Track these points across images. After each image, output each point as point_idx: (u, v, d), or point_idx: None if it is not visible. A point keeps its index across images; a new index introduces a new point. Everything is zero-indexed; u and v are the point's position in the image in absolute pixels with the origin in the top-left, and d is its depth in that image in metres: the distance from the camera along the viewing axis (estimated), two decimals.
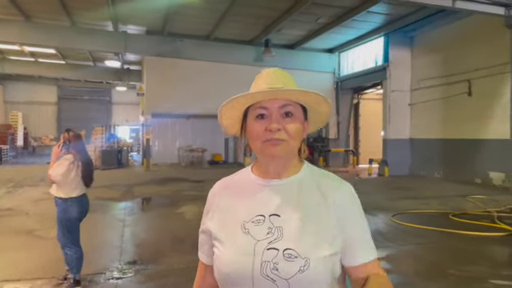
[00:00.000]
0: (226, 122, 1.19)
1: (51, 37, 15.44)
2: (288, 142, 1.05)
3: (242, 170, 1.21)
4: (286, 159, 1.10)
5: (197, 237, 4.21)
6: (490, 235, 6.24)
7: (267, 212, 1.06)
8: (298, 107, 1.09)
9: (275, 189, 1.09)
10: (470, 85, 12.71)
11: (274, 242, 1.01)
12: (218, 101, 5.82)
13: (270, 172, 1.11)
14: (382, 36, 15.35)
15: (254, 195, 1.10)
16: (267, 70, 1.14)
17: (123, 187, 11.70)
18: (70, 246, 4.13)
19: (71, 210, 4.08)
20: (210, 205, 1.20)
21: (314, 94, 1.07)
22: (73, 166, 4.09)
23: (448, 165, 13.65)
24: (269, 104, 1.06)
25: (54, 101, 28.74)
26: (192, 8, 13.04)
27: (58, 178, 4.03)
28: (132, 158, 22.98)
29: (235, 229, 1.07)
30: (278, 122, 1.05)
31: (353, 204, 1.09)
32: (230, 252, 1.04)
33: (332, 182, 1.12)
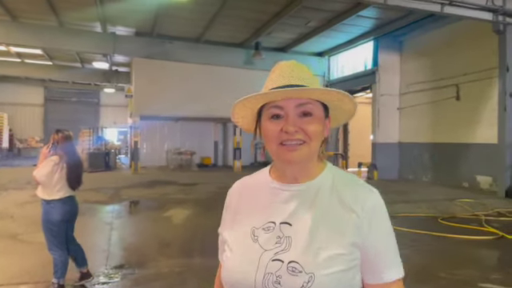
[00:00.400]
0: (240, 122, 1.12)
1: (38, 37, 15.21)
2: (307, 145, 0.96)
3: (260, 171, 1.13)
4: (304, 163, 1.00)
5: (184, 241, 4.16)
6: (478, 239, 6.26)
7: (278, 219, 0.98)
8: (318, 105, 0.99)
9: (291, 194, 1.00)
10: (459, 89, 12.83)
11: (281, 253, 0.93)
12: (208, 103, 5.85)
13: (286, 176, 1.03)
14: (372, 40, 15.44)
15: (268, 200, 1.03)
16: (282, 63, 1.04)
17: (110, 190, 11.54)
18: (54, 249, 4.03)
19: (53, 212, 3.99)
20: (226, 205, 1.14)
21: (335, 93, 0.97)
22: (57, 168, 4.01)
23: (436, 169, 13.75)
24: (284, 103, 0.97)
25: (41, 102, 28.37)
26: (181, 10, 12.96)
27: (42, 179, 3.97)
28: (120, 160, 22.75)
29: (244, 234, 1.00)
30: (295, 123, 0.96)
31: (380, 214, 0.98)
32: (236, 260, 0.99)
33: (357, 188, 1.01)
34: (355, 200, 0.97)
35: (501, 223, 7.39)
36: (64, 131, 4.19)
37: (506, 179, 10.50)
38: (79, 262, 4.30)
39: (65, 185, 4.05)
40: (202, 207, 9.12)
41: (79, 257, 4.30)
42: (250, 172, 4.59)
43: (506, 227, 6.97)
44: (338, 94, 0.98)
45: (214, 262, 4.58)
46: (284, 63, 1.03)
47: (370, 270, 0.97)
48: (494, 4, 10.05)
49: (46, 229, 4.00)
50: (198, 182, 13.36)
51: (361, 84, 16.81)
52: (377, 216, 0.97)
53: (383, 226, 0.98)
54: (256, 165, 21.50)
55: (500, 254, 5.69)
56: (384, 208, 1.00)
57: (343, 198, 0.98)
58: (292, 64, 1.02)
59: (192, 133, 21.40)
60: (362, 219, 0.95)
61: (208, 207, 9.14)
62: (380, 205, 0.99)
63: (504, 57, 10.44)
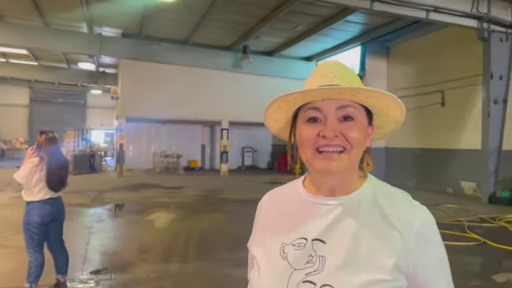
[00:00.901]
0: (273, 125, 1.00)
1: (23, 37, 14.96)
2: (347, 154, 0.85)
3: (293, 181, 1.02)
4: (342, 174, 0.88)
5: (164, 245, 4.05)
6: (460, 245, 6.26)
7: (311, 235, 0.88)
8: (361, 109, 0.89)
9: (326, 209, 0.90)
10: (444, 95, 12.93)
11: (313, 273, 0.84)
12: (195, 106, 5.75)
13: (322, 188, 0.92)
14: (359, 45, 15.52)
15: (301, 214, 0.92)
16: (325, 63, 0.93)
17: (93, 193, 11.36)
18: (31, 251, 3.94)
19: (32, 213, 3.93)
20: (256, 218, 1.04)
21: (383, 95, 0.86)
22: (36, 169, 3.95)
23: (421, 174, 13.83)
24: (323, 104, 0.86)
25: (26, 103, 27.95)
26: (168, 11, 12.87)
27: (22, 181, 3.93)
28: (106, 163, 22.49)
29: (273, 251, 0.91)
30: (334, 128, 0.85)
31: (431, 235, 0.86)
32: (263, 278, 0.90)
33: (403, 204, 0.89)
34: (401, 218, 0.85)
35: (483, 229, 7.43)
36: (48, 133, 4.15)
37: (489, 185, 10.58)
38: (60, 269, 4.20)
39: (44, 186, 3.98)
40: (185, 211, 9.02)
41: (61, 264, 4.21)
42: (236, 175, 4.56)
43: (488, 233, 7.00)
44: (386, 97, 0.87)
45: (191, 268, 4.52)
46: (326, 62, 0.93)
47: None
48: (478, 11, 10.14)
49: (25, 230, 3.94)
50: (183, 186, 13.23)
51: None
52: (427, 237, 0.85)
53: (434, 249, 0.87)
54: (243, 168, 21.44)
55: (481, 260, 5.69)
56: (435, 228, 0.88)
57: (386, 215, 0.87)
58: (335, 63, 0.93)
59: (179, 136, 21.26)
60: (409, 241, 0.84)
61: (191, 211, 9.06)
62: (430, 224, 0.87)
63: (488, 64, 10.54)
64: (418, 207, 0.89)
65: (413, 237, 0.84)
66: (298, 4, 11.64)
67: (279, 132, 1.02)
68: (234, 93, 17.63)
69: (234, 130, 20.72)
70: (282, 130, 1.00)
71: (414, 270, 0.84)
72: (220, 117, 17.81)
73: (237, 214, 8.80)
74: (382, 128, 0.99)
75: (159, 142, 20.93)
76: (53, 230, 4.12)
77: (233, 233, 7.13)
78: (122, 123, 16.84)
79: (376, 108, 0.91)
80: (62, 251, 4.24)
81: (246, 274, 1.01)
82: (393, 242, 0.84)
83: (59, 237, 4.22)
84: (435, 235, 0.87)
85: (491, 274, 4.95)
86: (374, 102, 0.89)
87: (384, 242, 0.84)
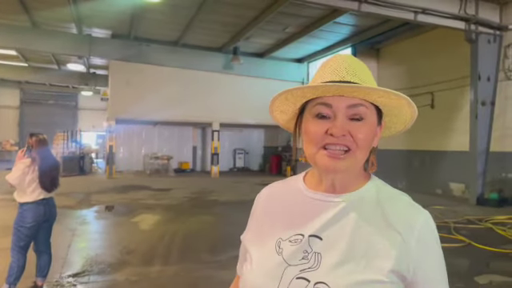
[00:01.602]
0: (279, 117, 0.97)
1: (10, 37, 14.84)
2: (352, 154, 0.83)
3: (294, 176, 1.00)
4: (346, 173, 0.86)
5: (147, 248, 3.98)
6: (445, 246, 6.21)
7: (308, 232, 0.85)
8: (372, 109, 0.86)
9: (326, 205, 0.87)
10: (433, 97, 12.97)
11: (308, 270, 0.81)
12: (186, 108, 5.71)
13: (323, 184, 0.90)
14: (350, 47, 15.54)
15: (299, 209, 0.90)
16: (337, 56, 0.89)
17: (81, 195, 11.26)
18: (15, 251, 3.93)
19: (26, 214, 3.94)
20: (252, 212, 1.01)
21: (396, 97, 0.83)
22: (28, 170, 3.96)
23: (410, 175, 13.85)
24: (334, 101, 0.83)
25: (16, 104, 27.68)
26: (157, 12, 12.81)
27: (14, 182, 3.94)
28: (97, 165, 22.32)
29: (269, 246, 0.88)
30: (343, 126, 0.82)
31: (431, 240, 0.85)
32: (256, 273, 0.87)
33: (405, 206, 0.88)
34: (401, 220, 0.83)
35: (469, 231, 7.42)
36: (38, 135, 4.18)
37: (477, 187, 10.60)
38: (41, 272, 4.18)
39: (38, 187, 3.99)
40: (171, 213, 8.94)
41: (44, 266, 4.19)
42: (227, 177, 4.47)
43: (474, 235, 7.00)
44: (400, 99, 0.84)
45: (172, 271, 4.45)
46: (339, 56, 0.89)
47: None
48: (466, 13, 10.18)
49: (16, 231, 3.95)
50: (172, 188, 13.15)
51: None
52: (427, 242, 0.83)
53: (434, 254, 0.85)
54: (235, 170, 21.37)
55: (465, 261, 5.66)
56: (435, 232, 0.86)
57: (387, 216, 0.84)
58: (348, 58, 0.88)
59: (170, 137, 21.17)
60: (410, 244, 0.81)
61: (178, 213, 8.98)
62: (431, 228, 0.86)
63: (476, 65, 10.57)
64: (420, 210, 0.87)
65: (413, 240, 0.81)
66: (287, 5, 11.62)
67: (284, 124, 0.99)
68: (225, 94, 17.58)
69: (226, 131, 20.67)
70: (288, 122, 0.98)
71: (413, 275, 0.81)
72: (211, 118, 17.74)
73: (224, 216, 8.75)
74: (390, 128, 0.97)
75: (150, 143, 20.83)
76: (43, 231, 4.14)
77: (218, 235, 7.08)
78: (112, 125, 16.71)
79: (387, 108, 0.89)
80: (47, 253, 4.24)
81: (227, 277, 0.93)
82: (392, 244, 0.81)
83: (48, 238, 4.24)
84: (436, 240, 0.86)
85: (474, 275, 4.93)
86: (386, 102, 0.86)
87: (383, 244, 0.81)
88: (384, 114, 0.91)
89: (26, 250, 4.00)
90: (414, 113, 0.89)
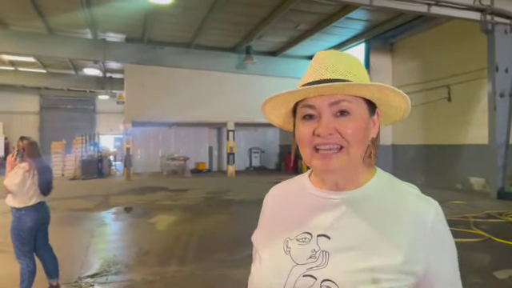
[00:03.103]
0: (275, 121, 0.98)
1: (28, 44, 15.18)
2: (345, 151, 0.82)
3: (299, 176, 1.00)
4: (345, 171, 0.85)
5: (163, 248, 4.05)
6: (463, 241, 6.13)
7: (316, 231, 0.85)
8: (359, 101, 0.84)
9: (332, 203, 0.87)
10: (450, 90, 12.74)
11: (315, 269, 0.81)
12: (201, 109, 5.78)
13: (326, 183, 0.89)
14: (363, 42, 15.39)
15: (306, 208, 0.89)
16: (318, 54, 0.89)
17: (99, 197, 11.43)
18: (22, 257, 3.94)
19: (25, 219, 3.93)
20: (261, 212, 1.02)
21: (375, 87, 0.82)
22: (28, 175, 3.95)
23: (429, 171, 13.62)
24: (316, 101, 0.82)
25: (36, 110, 28.29)
26: (169, 15, 12.92)
27: (13, 188, 3.89)
28: (115, 167, 22.65)
29: (277, 245, 0.88)
30: (329, 124, 0.81)
31: (442, 232, 0.83)
32: (264, 272, 0.87)
33: (413, 199, 0.85)
34: (412, 214, 0.82)
35: (489, 225, 7.27)
36: (29, 138, 4.15)
37: (497, 180, 10.37)
38: (51, 274, 4.20)
39: (36, 191, 4.00)
40: (188, 213, 9.02)
41: (52, 268, 4.20)
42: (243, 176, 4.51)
43: (493, 229, 6.85)
44: (382, 89, 0.82)
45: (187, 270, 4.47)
46: (320, 54, 0.88)
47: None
48: (481, 3, 9.97)
49: (16, 236, 3.93)
50: (188, 188, 13.25)
51: None
52: (438, 234, 0.82)
53: (446, 246, 0.83)
54: (251, 169, 21.41)
55: (484, 256, 5.55)
56: (445, 223, 0.84)
57: (395, 210, 0.83)
58: (328, 54, 0.87)
59: (186, 138, 21.35)
60: (419, 238, 0.80)
61: (194, 213, 9.05)
62: (442, 221, 0.84)
63: (493, 56, 10.34)
64: (430, 203, 0.85)
65: (425, 234, 0.80)
66: (298, 3, 11.59)
67: (282, 126, 0.99)
68: (239, 94, 17.63)
69: (241, 131, 20.72)
70: (284, 124, 0.98)
71: (426, 269, 0.80)
72: (226, 118, 17.82)
73: (239, 216, 8.77)
74: (389, 116, 0.94)
75: (167, 145, 21.04)
76: (41, 235, 4.14)
77: (233, 234, 7.10)
78: (129, 128, 16.94)
79: (374, 98, 0.87)
80: (50, 255, 4.24)
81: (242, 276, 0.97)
82: (403, 240, 0.80)
83: (46, 241, 4.24)
84: (447, 232, 0.84)
85: (493, 270, 4.83)
86: (369, 94, 0.85)
87: (393, 239, 0.80)
88: (376, 103, 0.89)
89: (32, 254, 4.01)
90: (405, 99, 0.87)
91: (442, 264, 0.82)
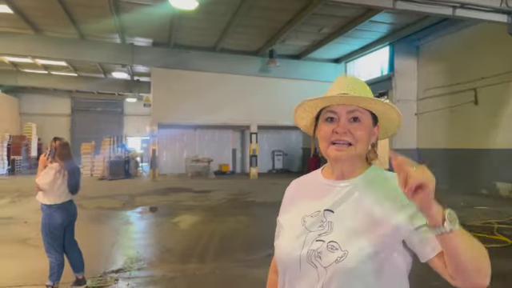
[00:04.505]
0: (300, 123, 1.30)
1: (61, 49, 15.85)
2: (353, 147, 1.13)
3: (314, 171, 1.31)
4: (350, 162, 1.16)
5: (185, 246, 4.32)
6: (486, 247, 6.05)
7: (323, 207, 1.15)
8: (367, 114, 1.16)
9: (337, 189, 1.17)
10: (477, 93, 12.49)
11: (323, 234, 1.10)
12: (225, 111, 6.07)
13: (335, 173, 1.20)
14: (388, 45, 15.27)
15: (318, 193, 1.20)
16: (341, 77, 1.23)
17: (125, 197, 11.79)
18: (52, 252, 4.19)
19: (55, 216, 4.17)
20: (284, 199, 1.33)
21: (380, 103, 1.14)
22: (59, 175, 4.17)
23: (454, 175, 13.36)
24: (338, 108, 1.15)
25: (68, 112, 29.31)
26: (194, 19, 13.21)
27: (44, 187, 4.14)
28: (142, 168, 23.21)
29: (296, 220, 1.18)
30: (345, 126, 1.13)
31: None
32: (287, 239, 1.17)
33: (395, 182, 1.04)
34: (392, 191, 1.07)
35: None
36: (62, 139, 4.39)
37: None
38: (76, 268, 4.43)
39: (65, 190, 4.24)
40: (210, 214, 9.21)
41: (77, 262, 4.43)
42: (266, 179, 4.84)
43: None
44: (383, 105, 1.15)
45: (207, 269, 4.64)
46: (342, 77, 1.23)
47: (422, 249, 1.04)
48: (508, 6, 9.74)
49: (47, 232, 4.17)
50: (211, 190, 13.48)
51: (377, 90, 16.58)
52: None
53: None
54: (274, 172, 21.50)
55: (505, 262, 5.48)
56: None
57: (381, 191, 1.12)
58: (350, 78, 1.22)
59: (211, 141, 21.66)
60: (396, 207, 1.06)
61: (216, 214, 9.23)
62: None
63: None
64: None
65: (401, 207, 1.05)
66: (321, 7, 11.65)
67: (305, 128, 1.31)
68: (262, 97, 17.79)
69: (264, 133, 20.86)
70: (308, 127, 1.30)
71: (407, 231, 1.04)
72: (249, 121, 18.01)
73: (260, 217, 8.90)
74: (387, 129, 1.26)
75: (192, 147, 21.40)
76: (68, 231, 4.37)
77: (253, 235, 7.24)
78: (155, 130, 17.36)
79: (378, 112, 1.19)
80: (76, 250, 4.46)
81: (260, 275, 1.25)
82: (388, 210, 1.07)
83: (73, 236, 4.47)
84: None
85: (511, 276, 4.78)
86: (374, 108, 1.17)
87: (380, 210, 1.08)
88: (378, 116, 1.20)
89: (61, 249, 4.24)
90: (399, 115, 1.19)
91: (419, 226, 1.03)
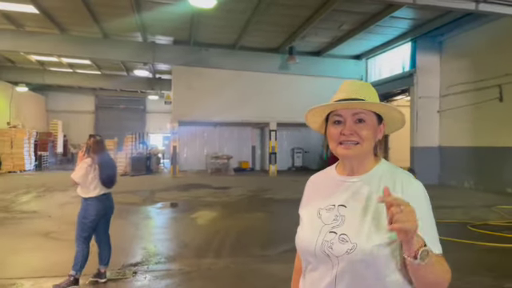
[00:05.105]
0: (312, 125, 1.40)
1: (85, 48, 16.23)
2: (360, 146, 1.22)
3: (329, 167, 1.41)
4: (358, 159, 1.26)
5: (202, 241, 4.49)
6: (503, 246, 5.93)
7: (337, 202, 1.25)
8: (371, 114, 1.25)
9: (349, 184, 1.27)
10: (501, 90, 12.17)
11: (336, 227, 1.20)
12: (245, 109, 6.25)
13: (346, 169, 1.30)
14: (410, 41, 15.01)
15: (333, 188, 1.30)
16: (346, 82, 1.32)
17: (146, 193, 12.01)
18: (80, 242, 4.38)
19: (89, 208, 4.39)
20: (304, 193, 1.44)
21: (382, 106, 1.24)
22: (90, 169, 4.39)
23: (478, 174, 13.07)
24: (343, 112, 1.25)
25: (92, 110, 30.00)
26: (213, 18, 13.31)
27: (78, 180, 4.38)
28: (163, 164, 23.55)
29: (313, 213, 1.29)
30: (351, 128, 1.23)
31: (422, 199, 1.18)
32: (305, 230, 1.29)
33: (401, 177, 1.23)
34: (403, 186, 1.20)
35: None
36: (96, 136, 4.66)
37: None
38: (102, 260, 4.59)
39: (99, 183, 4.43)
40: (228, 210, 9.30)
41: (105, 256, 4.60)
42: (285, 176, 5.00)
43: None
44: (384, 107, 1.25)
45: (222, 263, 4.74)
46: (347, 82, 1.32)
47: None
48: None
49: (79, 222, 4.40)
50: (230, 186, 13.59)
51: (398, 87, 16.39)
52: (417, 201, 1.13)
53: (423, 209, 1.15)
54: (293, 169, 21.47)
55: None
56: (424, 194, 1.20)
57: (389, 185, 1.15)
58: (352, 82, 1.31)
59: (230, 138, 21.79)
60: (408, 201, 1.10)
61: (234, 210, 9.32)
62: (420, 191, 1.20)
63: None
64: (414, 181, 1.23)
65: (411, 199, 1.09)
66: (340, 3, 11.57)
67: (318, 129, 1.40)
68: (282, 94, 17.79)
69: (284, 131, 20.84)
70: (319, 128, 1.39)
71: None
72: (268, 118, 18.04)
73: (277, 214, 8.94)
74: (391, 126, 1.34)
75: (212, 144, 21.59)
76: (102, 224, 4.56)
77: (269, 231, 7.29)
78: (175, 127, 17.59)
79: (381, 112, 1.28)
80: (107, 244, 4.65)
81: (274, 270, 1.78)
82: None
83: (106, 230, 4.66)
84: (423, 200, 1.19)
85: None
86: (377, 109, 1.26)
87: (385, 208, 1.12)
88: (382, 115, 1.28)
89: (89, 241, 4.43)
90: (400, 114, 1.28)
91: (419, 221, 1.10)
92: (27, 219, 8.03)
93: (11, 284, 4.42)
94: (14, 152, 19.24)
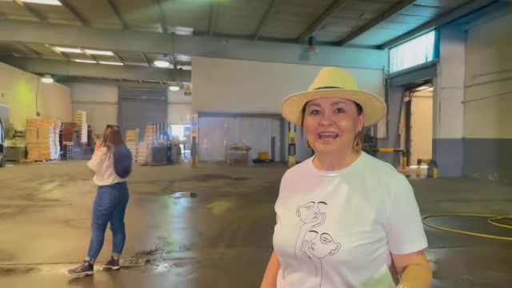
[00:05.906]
0: (289, 116, 1.31)
1: (107, 40, 16.50)
2: (339, 139, 1.14)
3: (306, 160, 1.33)
4: (338, 153, 1.18)
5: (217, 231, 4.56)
6: None
7: (317, 199, 1.18)
8: (351, 104, 1.17)
9: (328, 180, 1.19)
10: None
11: (317, 225, 1.13)
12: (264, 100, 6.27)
13: (325, 164, 1.22)
14: (433, 30, 14.60)
15: (311, 184, 1.22)
16: (324, 69, 1.23)
17: (165, 183, 12.18)
18: (95, 228, 4.49)
19: (104, 196, 4.48)
20: (280, 190, 1.37)
21: (363, 94, 1.15)
22: (105, 157, 4.47)
23: (503, 166, 12.68)
24: (321, 101, 1.16)
25: (115, 100, 30.54)
26: (232, 8, 13.27)
27: (93, 168, 4.49)
28: (184, 155, 23.82)
29: (291, 211, 1.21)
30: (330, 118, 1.14)
31: (403, 195, 1.13)
32: (283, 230, 1.22)
33: (383, 173, 1.17)
34: (380, 183, 1.13)
35: None
36: (114, 127, 4.78)
37: None
38: (116, 248, 4.69)
39: (113, 172, 4.50)
40: (244, 200, 9.34)
41: (119, 243, 4.70)
42: None
43: None
44: (365, 95, 1.16)
45: (234, 253, 4.77)
46: (325, 69, 1.23)
47: (394, 243, 1.13)
48: None
49: (95, 210, 4.51)
50: (249, 177, 13.63)
51: (421, 77, 15.99)
52: (400, 198, 1.12)
53: (405, 205, 1.13)
54: None
55: None
56: (407, 189, 1.15)
57: (371, 182, 1.14)
58: (331, 69, 1.22)
59: (250, 129, 21.81)
60: (387, 200, 1.11)
61: (250, 200, 9.34)
62: (403, 187, 1.14)
63: None
64: (396, 176, 1.16)
65: (390, 197, 1.11)
66: None
67: (295, 121, 1.31)
68: (302, 85, 16.97)
69: None
70: (297, 120, 1.29)
71: (390, 222, 1.11)
72: None
73: None
74: (372, 117, 1.26)
75: (231, 135, 21.67)
76: (117, 212, 4.65)
77: None
78: (195, 118, 17.72)
79: (361, 102, 1.19)
80: (121, 231, 4.74)
81: None
82: (375, 202, 1.11)
83: (121, 218, 4.75)
84: (408, 196, 1.14)
85: None
86: (358, 98, 1.18)
87: (368, 202, 1.11)
88: (362, 105, 1.20)
89: (104, 228, 4.53)
90: (382, 103, 1.19)
91: (401, 214, 1.11)
92: (49, 207, 8.26)
93: (29, 269, 4.56)
94: (40, 142, 19.81)
